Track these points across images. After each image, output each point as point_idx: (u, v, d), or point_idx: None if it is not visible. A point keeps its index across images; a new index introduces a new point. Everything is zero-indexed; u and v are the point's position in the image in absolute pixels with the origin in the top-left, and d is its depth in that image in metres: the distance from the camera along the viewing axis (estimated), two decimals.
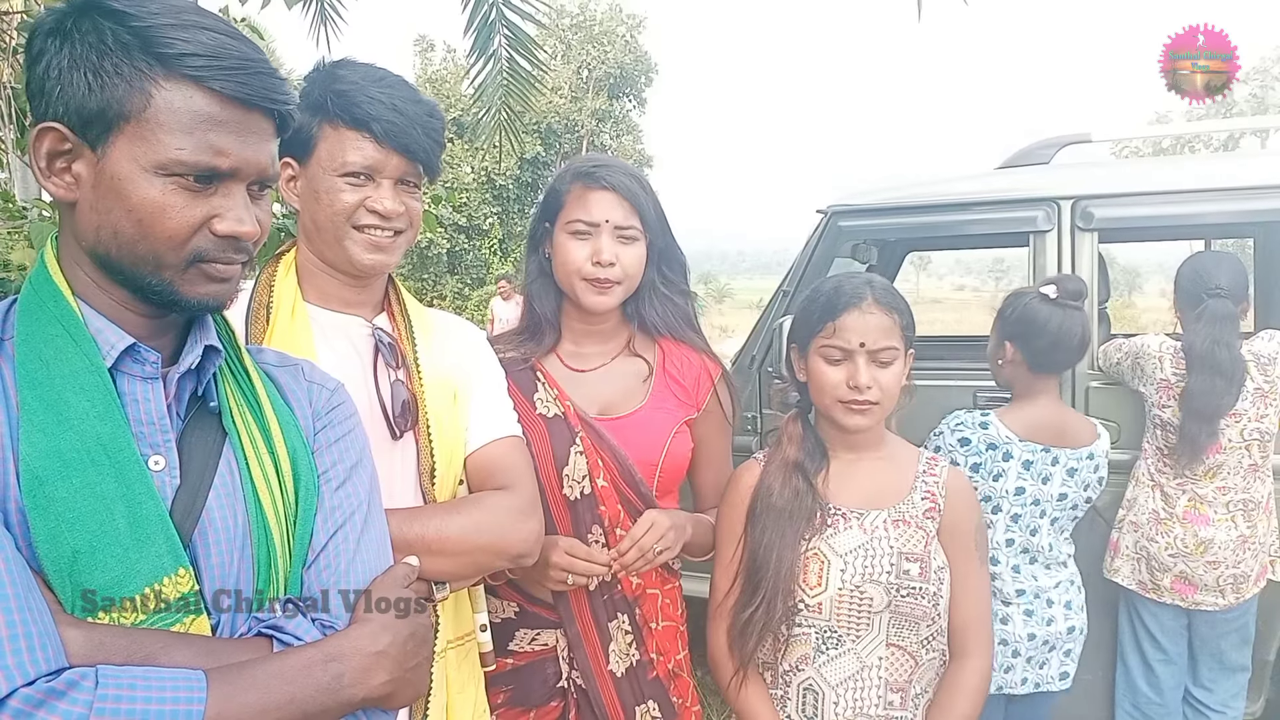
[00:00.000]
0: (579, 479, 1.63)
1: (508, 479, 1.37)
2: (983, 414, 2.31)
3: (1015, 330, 2.33)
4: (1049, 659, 2.31)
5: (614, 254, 1.64)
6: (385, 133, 1.28)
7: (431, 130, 1.33)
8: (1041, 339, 2.27)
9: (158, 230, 0.84)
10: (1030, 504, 2.28)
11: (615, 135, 22.21)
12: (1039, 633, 2.28)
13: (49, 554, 0.78)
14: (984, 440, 2.26)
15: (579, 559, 1.54)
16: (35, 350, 0.83)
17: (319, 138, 1.30)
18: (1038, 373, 2.32)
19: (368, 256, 1.32)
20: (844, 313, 1.55)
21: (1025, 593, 2.29)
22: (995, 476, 2.26)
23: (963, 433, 2.27)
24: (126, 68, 0.81)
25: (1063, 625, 2.30)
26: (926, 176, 3.86)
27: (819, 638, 1.54)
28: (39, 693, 0.71)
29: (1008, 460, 2.25)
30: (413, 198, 1.36)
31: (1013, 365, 2.36)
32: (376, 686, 0.88)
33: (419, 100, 1.33)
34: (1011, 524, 2.29)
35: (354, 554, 0.96)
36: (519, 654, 1.66)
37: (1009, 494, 2.27)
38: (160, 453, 0.87)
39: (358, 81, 1.30)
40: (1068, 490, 2.30)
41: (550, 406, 1.66)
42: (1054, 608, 2.30)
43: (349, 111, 1.28)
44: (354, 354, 1.34)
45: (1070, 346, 2.28)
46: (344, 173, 1.29)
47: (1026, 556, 2.32)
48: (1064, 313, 2.27)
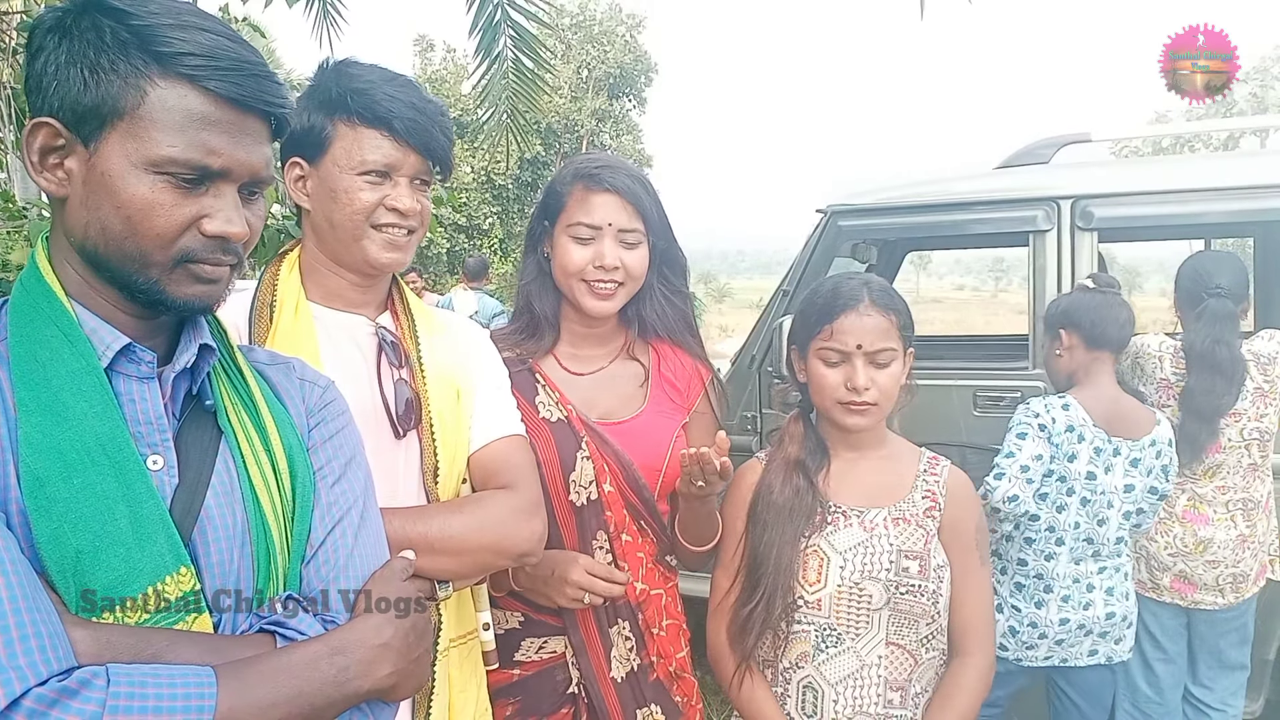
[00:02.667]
0: (586, 484, 1.62)
1: (511, 478, 1.37)
2: (1060, 396, 2.41)
3: (1065, 318, 2.47)
4: (1081, 641, 2.37)
5: (617, 258, 1.62)
6: (405, 130, 1.28)
7: (446, 129, 1.34)
8: (1091, 315, 2.42)
9: (146, 228, 0.84)
10: (1099, 493, 2.35)
11: (615, 135, 22.20)
12: (1073, 618, 2.35)
13: (52, 555, 0.78)
14: (1064, 421, 2.34)
15: (599, 578, 1.53)
16: (30, 351, 0.83)
17: (333, 136, 1.29)
18: (1094, 349, 2.43)
19: (385, 255, 1.33)
20: (841, 315, 1.55)
21: (1066, 576, 2.36)
22: (1070, 458, 2.34)
23: (1050, 411, 2.36)
24: (123, 65, 0.82)
25: (1101, 610, 2.35)
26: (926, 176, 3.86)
27: (818, 635, 1.55)
28: (52, 692, 0.71)
29: (1081, 442, 2.34)
30: (425, 196, 1.36)
31: (1070, 351, 2.47)
32: (381, 678, 0.89)
33: (431, 99, 1.34)
34: (1081, 508, 2.35)
35: (351, 549, 0.97)
36: (526, 664, 1.64)
37: (1081, 477, 2.34)
38: (159, 452, 0.87)
39: (374, 80, 1.30)
40: (1133, 481, 2.36)
41: (553, 411, 1.65)
42: (1094, 593, 2.36)
43: (370, 109, 1.28)
44: (357, 353, 1.34)
45: (1119, 320, 2.41)
46: (362, 171, 1.29)
47: (1090, 548, 2.36)
48: (1105, 294, 2.46)
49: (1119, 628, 2.39)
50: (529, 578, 1.57)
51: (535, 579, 1.57)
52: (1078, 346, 2.45)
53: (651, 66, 22.78)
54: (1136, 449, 2.36)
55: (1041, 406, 2.37)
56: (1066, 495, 2.34)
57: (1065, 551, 2.36)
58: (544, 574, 1.55)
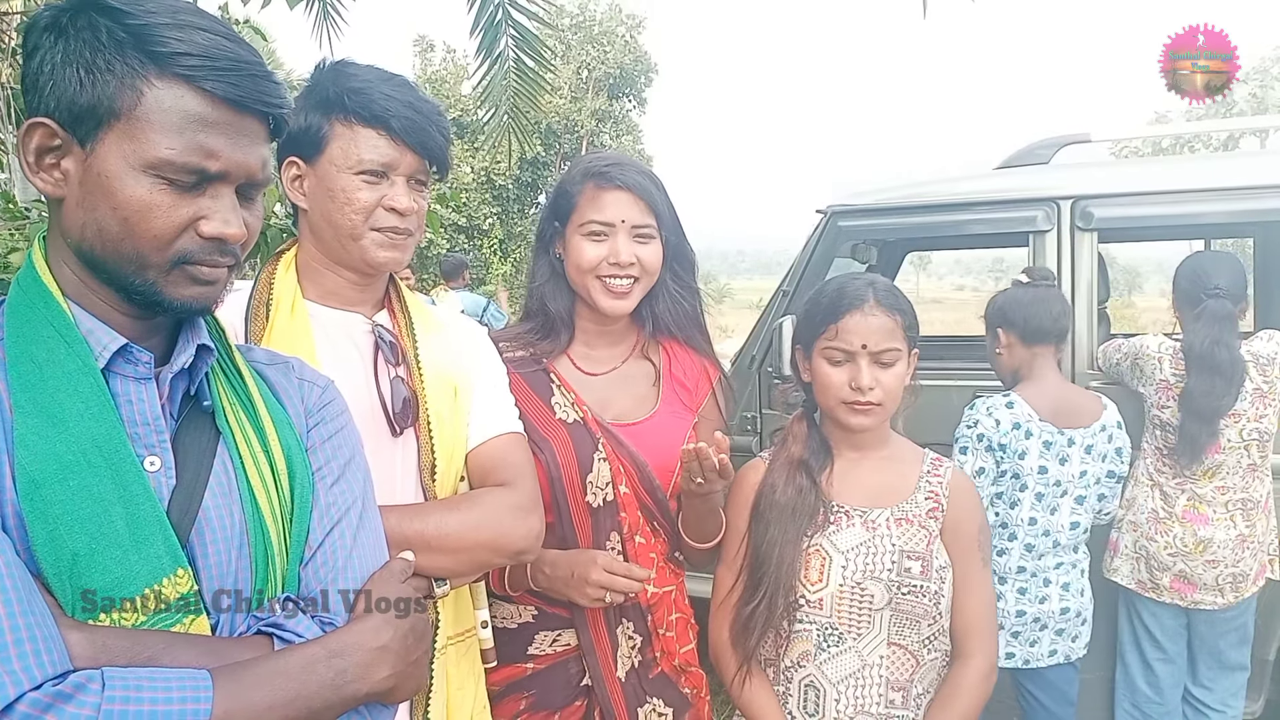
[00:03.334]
0: (602, 485, 1.62)
1: (508, 475, 1.36)
2: (1005, 394, 2.47)
3: (1000, 317, 2.57)
4: (1040, 637, 2.44)
5: (632, 254, 1.63)
6: (403, 129, 1.28)
7: (443, 128, 1.34)
8: (1023, 311, 2.50)
9: (143, 229, 0.83)
10: (1052, 484, 2.41)
11: (615, 136, 22.18)
12: (1029, 610, 2.42)
13: (48, 557, 0.78)
14: (1010, 419, 2.40)
15: (618, 575, 1.53)
16: (27, 352, 0.83)
17: (330, 136, 1.29)
18: (1032, 344, 2.49)
19: (383, 254, 1.32)
20: (846, 315, 1.55)
21: (1025, 570, 2.43)
22: (1020, 455, 2.39)
23: (994, 413, 2.41)
24: (119, 65, 0.81)
25: (1056, 605, 2.42)
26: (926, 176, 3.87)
27: (820, 634, 1.55)
28: (46, 696, 0.70)
29: (1029, 438, 2.39)
30: (422, 197, 1.36)
31: (1009, 349, 2.54)
32: (379, 681, 0.88)
33: (428, 99, 1.34)
34: (1036, 502, 2.42)
35: (350, 550, 0.96)
36: (540, 657, 1.63)
37: (1034, 471, 2.40)
38: (156, 453, 0.86)
39: (370, 80, 1.30)
40: (1088, 468, 2.43)
41: (569, 412, 1.64)
42: (1050, 587, 2.44)
43: (367, 108, 1.28)
44: (354, 351, 1.34)
45: (1052, 313, 2.48)
46: (360, 170, 1.29)
47: (1049, 540, 2.42)
48: (1037, 288, 2.53)
49: (1074, 624, 2.46)
50: (548, 578, 1.57)
51: (554, 580, 1.56)
52: (1015, 344, 2.53)
53: (651, 67, 22.76)
54: (1088, 436, 2.44)
55: (983, 411, 2.44)
56: (1020, 491, 2.42)
57: (1018, 546, 2.43)
58: (564, 575, 1.55)
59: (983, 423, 2.41)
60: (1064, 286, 2.81)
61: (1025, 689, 2.54)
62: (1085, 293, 2.83)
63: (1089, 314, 2.83)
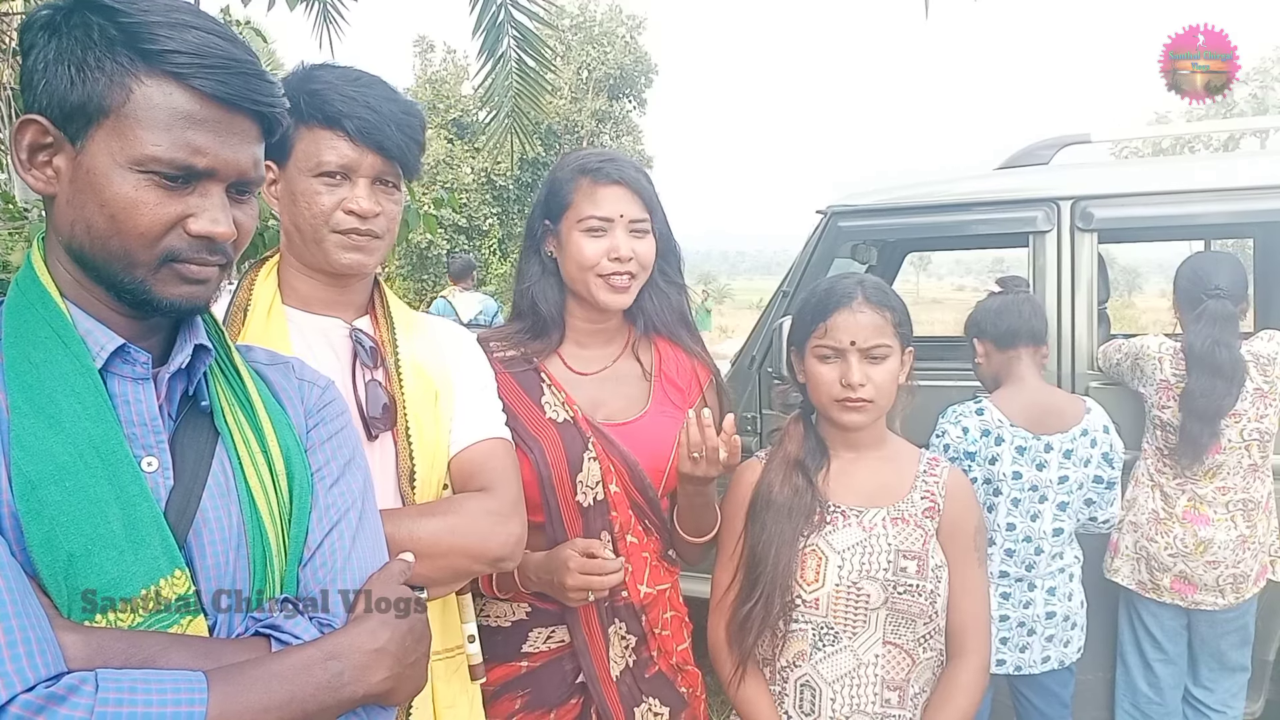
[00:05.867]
0: (592, 485, 1.61)
1: (488, 480, 1.34)
2: (976, 400, 2.48)
3: (974, 328, 2.62)
4: (1029, 643, 2.44)
5: (630, 249, 1.62)
6: (358, 130, 1.27)
7: (406, 127, 1.31)
8: (993, 319, 2.55)
9: (129, 226, 0.83)
10: (1028, 489, 2.41)
11: (615, 136, 22.17)
12: (1014, 615, 2.43)
13: (44, 558, 0.78)
14: (979, 426, 2.41)
15: (593, 574, 1.49)
16: (24, 352, 0.83)
17: (295, 139, 1.29)
18: (1005, 349, 2.52)
19: (345, 257, 1.31)
20: (834, 312, 1.57)
21: (1008, 575, 2.43)
22: (991, 460, 2.40)
23: (962, 421, 2.42)
24: (109, 62, 0.81)
25: (1042, 610, 2.42)
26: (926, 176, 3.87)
27: (816, 634, 1.55)
28: (39, 698, 0.70)
29: (999, 445, 2.40)
30: (390, 199, 1.34)
31: (986, 357, 2.57)
32: (376, 684, 0.88)
33: (394, 98, 1.32)
34: (1012, 508, 2.41)
35: (349, 551, 0.96)
36: (535, 655, 1.63)
37: (1007, 478, 2.40)
38: (153, 454, 0.86)
39: (331, 81, 1.29)
40: (1068, 473, 2.41)
41: (560, 411, 1.64)
42: (1035, 592, 2.44)
43: (321, 110, 1.27)
44: (331, 354, 1.32)
45: (1022, 316, 2.51)
46: (319, 173, 1.29)
47: (1031, 545, 2.42)
48: (1007, 296, 2.59)
49: (1063, 629, 2.45)
50: (536, 581, 1.56)
51: (541, 584, 1.55)
52: (991, 350, 2.56)
53: (651, 67, 22.76)
54: (1067, 440, 2.42)
55: (950, 420, 2.45)
56: (993, 496, 2.42)
57: (998, 551, 2.43)
58: (546, 579, 1.54)
59: (949, 433, 2.42)
60: (1064, 287, 2.81)
61: (1020, 693, 2.54)
62: (1085, 293, 2.82)
63: (1089, 314, 2.82)
